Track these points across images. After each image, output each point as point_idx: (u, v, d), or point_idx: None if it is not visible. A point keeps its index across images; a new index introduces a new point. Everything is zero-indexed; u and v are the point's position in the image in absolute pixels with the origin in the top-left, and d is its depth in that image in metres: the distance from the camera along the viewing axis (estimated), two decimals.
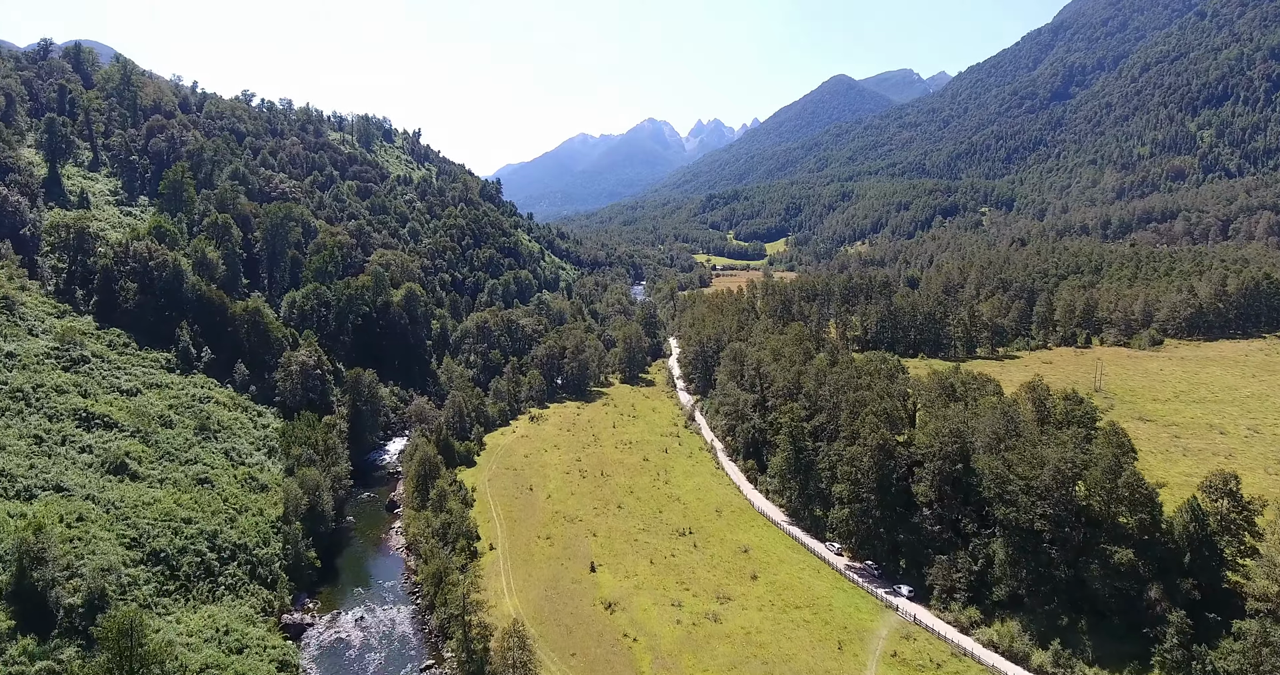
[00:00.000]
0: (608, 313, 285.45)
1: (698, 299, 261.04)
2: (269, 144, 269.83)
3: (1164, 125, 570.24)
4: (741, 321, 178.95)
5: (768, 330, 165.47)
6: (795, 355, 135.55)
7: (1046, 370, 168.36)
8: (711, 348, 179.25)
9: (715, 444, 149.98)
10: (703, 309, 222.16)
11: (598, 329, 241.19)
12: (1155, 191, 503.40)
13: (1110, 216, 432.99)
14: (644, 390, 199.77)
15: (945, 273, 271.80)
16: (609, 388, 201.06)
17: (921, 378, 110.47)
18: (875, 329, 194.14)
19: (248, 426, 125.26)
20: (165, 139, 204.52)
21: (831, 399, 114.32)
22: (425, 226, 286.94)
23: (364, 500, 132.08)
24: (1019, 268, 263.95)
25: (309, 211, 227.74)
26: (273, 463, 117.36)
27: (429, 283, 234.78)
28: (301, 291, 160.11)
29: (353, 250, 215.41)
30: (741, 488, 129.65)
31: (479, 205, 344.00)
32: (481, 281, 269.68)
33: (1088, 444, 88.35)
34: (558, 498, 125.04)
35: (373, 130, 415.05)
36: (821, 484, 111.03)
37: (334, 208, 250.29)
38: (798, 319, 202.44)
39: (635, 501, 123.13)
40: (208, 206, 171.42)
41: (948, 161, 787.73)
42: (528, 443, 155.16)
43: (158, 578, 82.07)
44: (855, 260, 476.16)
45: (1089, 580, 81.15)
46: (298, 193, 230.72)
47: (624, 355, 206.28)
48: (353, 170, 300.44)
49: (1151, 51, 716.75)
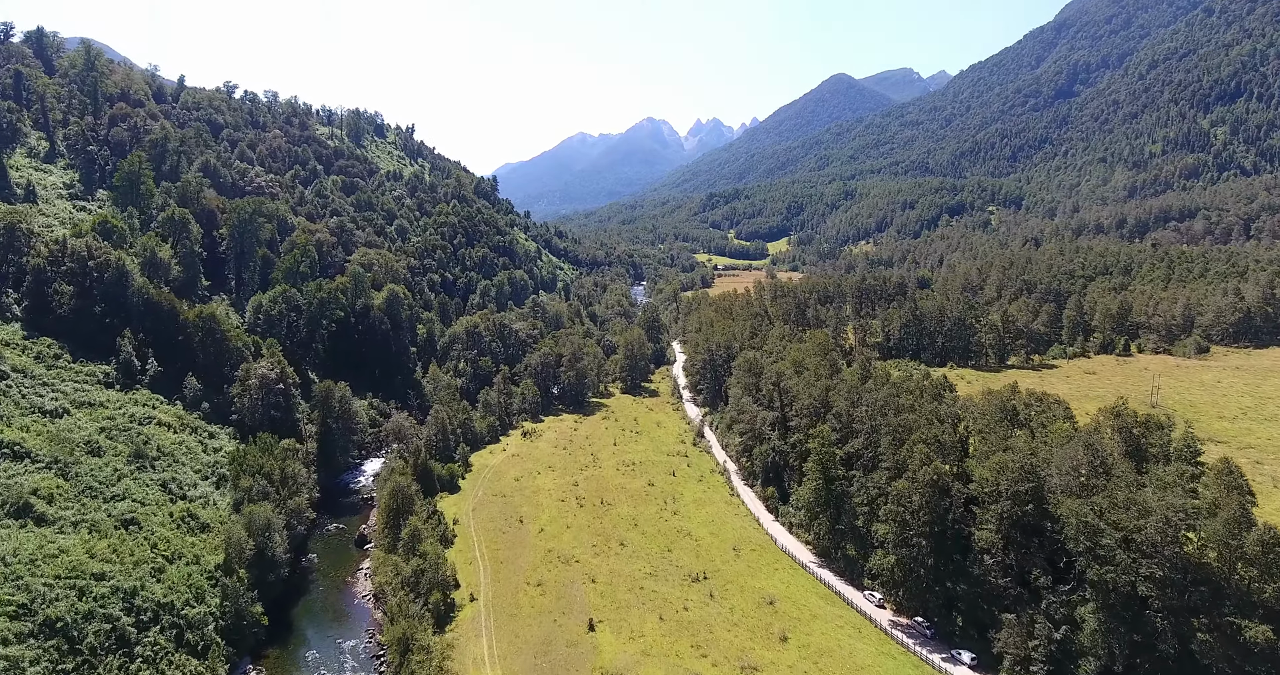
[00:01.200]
0: (607, 315, 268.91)
1: (702, 301, 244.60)
2: (248, 136, 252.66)
3: (1175, 122, 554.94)
4: (754, 327, 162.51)
5: (784, 337, 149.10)
6: (820, 368, 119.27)
7: (1091, 382, 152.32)
8: (721, 356, 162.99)
9: (728, 465, 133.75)
10: (709, 312, 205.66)
11: (596, 333, 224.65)
12: (1169, 190, 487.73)
13: (1126, 215, 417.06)
14: (647, 401, 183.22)
15: (963, 273, 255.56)
16: (609, 398, 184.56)
17: (973, 397, 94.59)
18: (899, 335, 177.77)
19: (195, 451, 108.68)
20: (128, 128, 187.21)
21: (868, 421, 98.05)
22: (414, 224, 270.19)
23: (331, 533, 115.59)
24: (1042, 268, 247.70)
25: (287, 207, 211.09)
26: (220, 494, 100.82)
27: (416, 284, 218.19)
28: (268, 294, 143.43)
29: (333, 249, 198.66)
30: (760, 519, 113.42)
31: (473, 202, 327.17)
32: (474, 282, 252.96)
33: (1194, 483, 72.38)
34: (551, 532, 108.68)
35: (364, 125, 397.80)
36: (858, 521, 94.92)
37: (316, 204, 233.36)
38: (813, 324, 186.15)
39: (640, 537, 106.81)
40: (167, 201, 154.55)
41: (951, 160, 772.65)
42: (519, 463, 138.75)
43: (50, 655, 65.52)
44: (862, 260, 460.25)
45: (1204, 657, 65.29)
46: (275, 187, 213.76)
47: (625, 363, 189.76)
48: (339, 165, 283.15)
49: (1159, 48, 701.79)
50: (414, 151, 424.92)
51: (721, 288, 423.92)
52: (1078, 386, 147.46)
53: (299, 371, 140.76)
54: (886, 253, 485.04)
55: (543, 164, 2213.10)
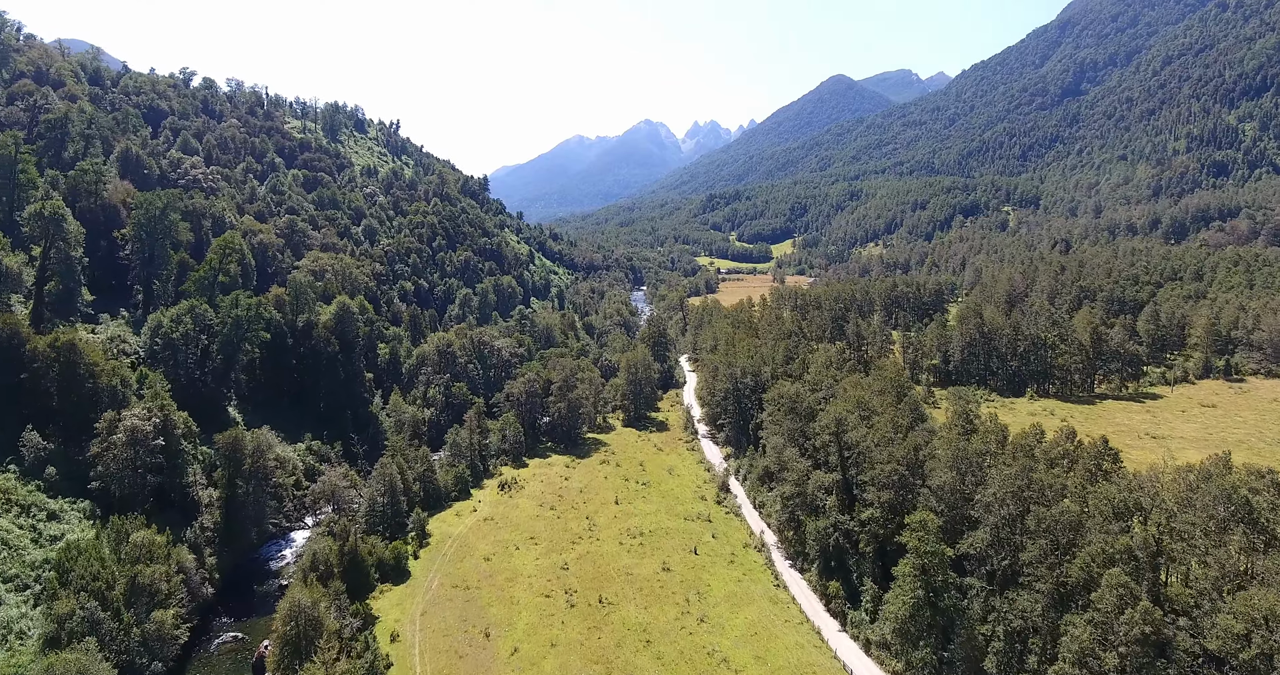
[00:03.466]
0: (605, 327, 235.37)
1: (714, 312, 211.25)
2: (195, 125, 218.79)
3: (1198, 118, 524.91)
4: (790, 350, 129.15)
5: (832, 366, 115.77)
6: (896, 414, 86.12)
7: (1217, 419, 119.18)
8: (747, 385, 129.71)
9: (766, 537, 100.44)
10: (725, 326, 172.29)
11: (594, 351, 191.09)
12: (1197, 188, 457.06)
13: (1158, 214, 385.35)
14: (655, 437, 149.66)
15: (1006, 279, 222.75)
16: (609, 434, 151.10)
17: (1160, 477, 62.04)
18: (960, 355, 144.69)
19: (22, 543, 75.18)
20: (25, 107, 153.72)
21: (999, 509, 65.04)
22: (387, 225, 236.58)
23: (225, 648, 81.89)
24: (1100, 273, 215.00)
25: (231, 204, 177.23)
26: (33, 621, 67.26)
27: (383, 294, 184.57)
28: (170, 313, 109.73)
29: (279, 253, 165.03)
30: (822, 628, 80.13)
31: (457, 201, 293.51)
32: (454, 291, 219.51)
33: None
34: (528, 654, 75.33)
35: (342, 120, 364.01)
36: (986, 662, 62.01)
37: (270, 201, 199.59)
38: (853, 342, 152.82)
39: (656, 665, 73.51)
40: (51, 192, 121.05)
41: (958, 159, 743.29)
42: (493, 531, 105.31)
43: None
44: (876, 263, 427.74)
45: None
46: (217, 181, 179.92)
47: (628, 389, 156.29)
48: (303, 159, 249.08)
49: (1173, 45, 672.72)
50: (398, 148, 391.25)
51: (729, 293, 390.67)
52: (1205, 426, 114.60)
53: (209, 413, 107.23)
54: (900, 255, 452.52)
55: (539, 167, 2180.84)
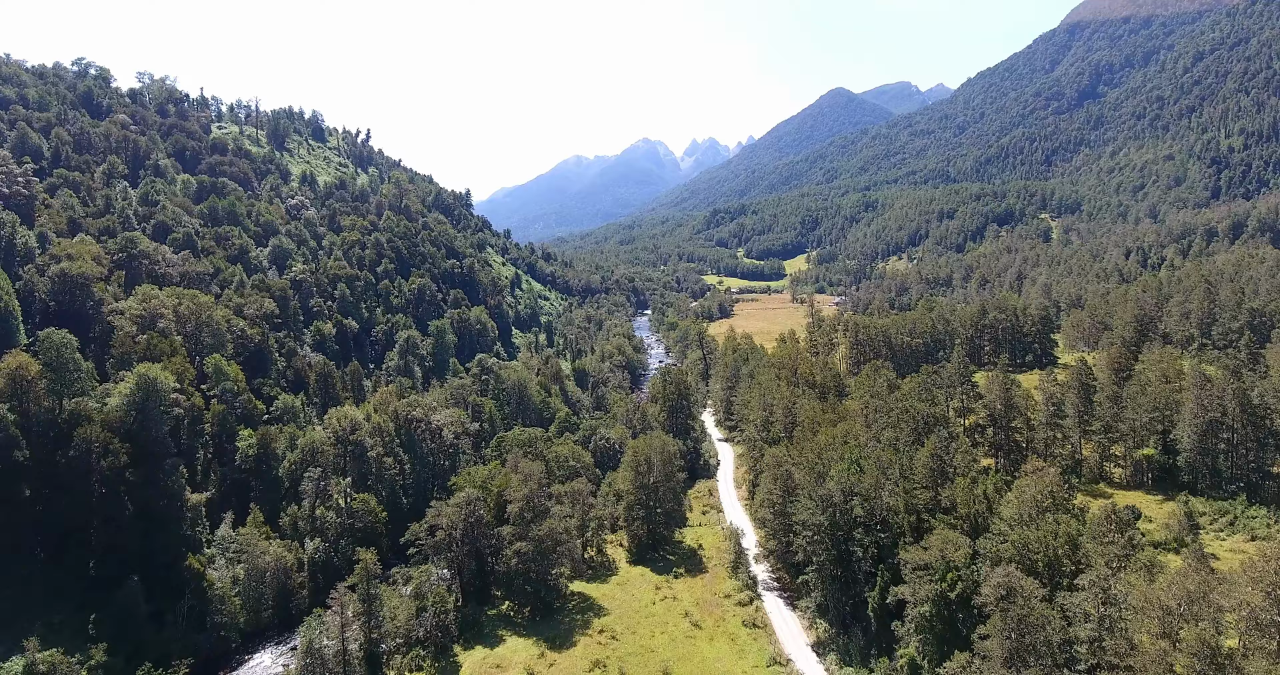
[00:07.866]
0: (602, 373, 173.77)
1: (750, 355, 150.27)
2: (43, 118, 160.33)
3: (1249, 113, 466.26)
4: (917, 436, 67.47)
5: (1047, 502, 55.26)
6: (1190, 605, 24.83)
7: None
8: (840, 498, 69.11)
9: None
10: (778, 385, 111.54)
11: (585, 420, 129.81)
12: (1264, 188, 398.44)
13: (1243, 217, 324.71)
14: (683, 589, 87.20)
15: (1136, 301, 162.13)
16: (606, 580, 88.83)
17: None
18: (1193, 446, 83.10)
19: None
20: None
21: None
22: (311, 245, 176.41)
23: None
24: (1274, 290, 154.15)
25: (59, 219, 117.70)
26: None
27: (283, 345, 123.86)
28: None
29: (95, 285, 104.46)
30: None
31: (419, 216, 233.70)
32: (398, 329, 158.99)
33: None
34: None
35: (297, 126, 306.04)
36: None
37: (138, 214, 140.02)
38: (943, 399, 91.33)
39: None
40: None
41: (976, 166, 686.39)
42: None
43: None
44: (914, 279, 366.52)
45: None
46: (21, 183, 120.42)
47: (636, 498, 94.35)
48: (209, 163, 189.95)
49: (1201, 41, 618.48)
50: (362, 159, 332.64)
51: (746, 316, 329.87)
52: None
53: None
54: (935, 270, 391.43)
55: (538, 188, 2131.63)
